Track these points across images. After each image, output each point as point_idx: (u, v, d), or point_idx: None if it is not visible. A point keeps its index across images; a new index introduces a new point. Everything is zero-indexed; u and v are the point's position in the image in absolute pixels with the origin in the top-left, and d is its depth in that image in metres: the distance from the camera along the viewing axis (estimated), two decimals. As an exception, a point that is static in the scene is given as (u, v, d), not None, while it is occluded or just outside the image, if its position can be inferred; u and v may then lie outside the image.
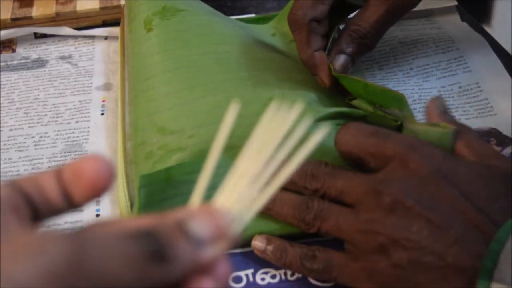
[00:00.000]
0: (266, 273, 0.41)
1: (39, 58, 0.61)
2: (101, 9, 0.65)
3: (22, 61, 0.61)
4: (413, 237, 0.34)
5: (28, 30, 0.63)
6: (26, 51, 0.62)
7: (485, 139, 0.50)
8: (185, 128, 0.45)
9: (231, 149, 0.45)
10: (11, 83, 0.58)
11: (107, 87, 0.58)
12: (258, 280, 0.40)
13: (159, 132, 0.46)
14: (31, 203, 0.24)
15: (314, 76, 0.50)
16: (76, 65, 0.60)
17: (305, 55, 0.49)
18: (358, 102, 0.48)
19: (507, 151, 0.48)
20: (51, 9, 0.65)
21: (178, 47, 0.52)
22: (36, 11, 0.65)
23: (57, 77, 0.59)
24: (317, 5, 0.48)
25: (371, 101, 0.46)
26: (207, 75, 0.49)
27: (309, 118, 0.24)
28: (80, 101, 0.56)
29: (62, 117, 0.54)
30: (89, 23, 0.65)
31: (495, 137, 0.50)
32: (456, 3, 0.63)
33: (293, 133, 0.24)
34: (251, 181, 0.23)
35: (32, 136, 0.53)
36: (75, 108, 0.55)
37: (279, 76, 0.50)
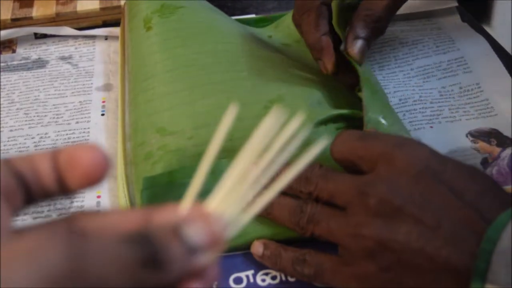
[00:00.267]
0: (266, 274, 0.41)
1: (39, 58, 0.61)
2: (101, 9, 0.65)
3: (22, 62, 0.61)
4: (401, 239, 0.34)
5: (28, 30, 0.63)
6: (26, 51, 0.62)
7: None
8: (184, 129, 0.45)
9: (231, 152, 0.45)
10: (11, 84, 0.58)
11: (107, 87, 0.58)
12: (258, 281, 0.40)
13: (159, 132, 0.46)
14: (25, 183, 0.24)
15: (317, 61, 0.49)
16: (76, 65, 0.60)
17: (313, 39, 0.49)
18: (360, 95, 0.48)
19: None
20: (51, 10, 0.65)
21: (177, 46, 0.51)
22: (36, 12, 0.65)
23: (57, 78, 0.59)
24: None
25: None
26: (206, 75, 0.49)
27: (308, 127, 0.24)
28: (80, 102, 0.56)
29: (62, 117, 0.54)
30: (89, 23, 0.65)
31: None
32: (456, 4, 0.63)
33: (291, 141, 0.23)
34: (247, 187, 0.23)
35: (32, 136, 0.53)
36: (75, 108, 0.55)
37: (279, 75, 0.50)
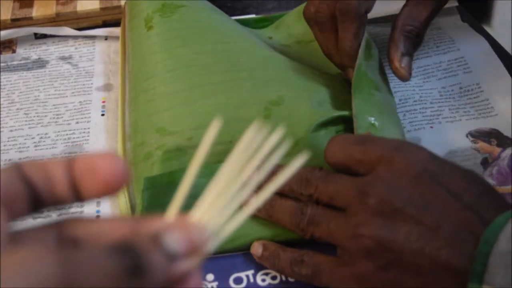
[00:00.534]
0: (266, 274, 0.41)
1: (39, 58, 0.61)
2: (102, 9, 0.65)
3: (22, 62, 0.61)
4: (401, 239, 0.34)
5: (28, 30, 0.63)
6: (26, 51, 0.62)
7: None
8: (184, 129, 0.45)
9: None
10: (11, 84, 0.58)
11: (107, 87, 0.58)
12: (258, 281, 0.40)
13: (158, 132, 0.46)
14: (34, 190, 0.24)
15: (345, 68, 0.50)
16: (76, 65, 0.60)
17: (351, 47, 0.48)
18: None
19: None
20: (51, 10, 0.65)
21: (178, 46, 0.51)
22: (36, 12, 0.65)
23: (57, 78, 0.59)
24: None
25: None
26: (207, 75, 0.48)
27: (289, 142, 0.24)
28: (80, 102, 0.56)
29: (62, 118, 0.54)
30: (89, 23, 0.65)
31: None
32: (456, 4, 0.63)
33: (273, 155, 0.24)
34: (230, 199, 0.24)
35: (32, 137, 0.53)
36: (75, 109, 0.55)
37: (280, 76, 0.50)
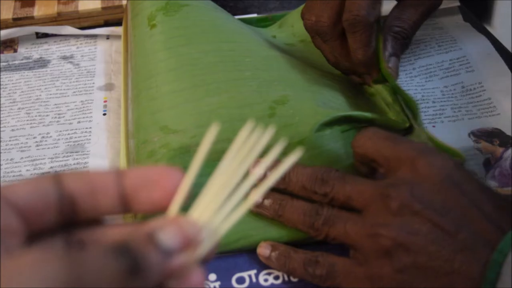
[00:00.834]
0: (269, 274, 0.41)
1: (40, 58, 0.61)
2: (103, 9, 0.65)
3: (23, 61, 0.61)
4: (419, 241, 0.34)
5: (29, 29, 0.63)
6: (27, 51, 0.62)
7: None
8: (188, 127, 0.45)
9: None
10: (12, 83, 0.58)
11: (109, 87, 0.58)
12: (261, 281, 0.40)
13: (162, 131, 0.45)
14: (71, 202, 0.24)
15: (361, 74, 0.50)
16: (78, 65, 0.60)
17: (366, 56, 0.48)
18: (375, 88, 0.49)
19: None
20: (53, 9, 0.65)
21: (181, 45, 0.51)
22: (37, 11, 0.65)
23: (59, 77, 0.59)
24: (376, 5, 0.47)
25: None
26: (210, 74, 0.48)
27: (284, 141, 0.25)
28: (82, 101, 0.56)
29: (64, 117, 0.54)
30: (91, 23, 0.65)
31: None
32: (458, 4, 0.63)
33: (268, 154, 0.25)
34: (226, 197, 0.25)
35: (34, 136, 0.53)
36: (77, 108, 0.55)
37: (284, 76, 0.49)
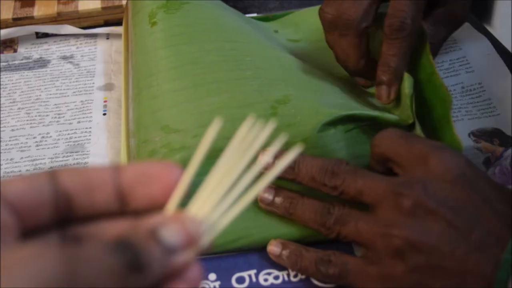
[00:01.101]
0: (269, 274, 0.41)
1: (40, 58, 0.61)
2: (103, 9, 0.65)
3: (23, 61, 0.61)
4: (432, 241, 0.34)
5: (29, 29, 0.63)
6: (27, 51, 0.62)
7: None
8: (189, 127, 0.45)
9: None
10: (12, 83, 0.58)
11: (109, 87, 0.58)
12: (261, 280, 0.40)
13: (163, 130, 0.45)
14: (67, 199, 0.24)
15: (355, 75, 0.50)
16: (78, 65, 0.60)
17: (397, 65, 0.46)
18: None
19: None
20: (53, 9, 0.65)
21: (182, 43, 0.51)
22: (37, 11, 0.64)
23: (59, 77, 0.59)
24: (370, 9, 0.46)
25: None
26: (212, 73, 0.48)
27: (284, 136, 0.25)
28: (82, 101, 0.56)
29: (64, 117, 0.54)
30: (91, 23, 0.65)
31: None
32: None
33: (269, 148, 0.25)
34: (225, 192, 0.24)
35: (34, 136, 0.53)
36: (77, 108, 0.55)
37: (287, 76, 0.49)
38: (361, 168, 0.40)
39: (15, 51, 0.62)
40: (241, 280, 0.41)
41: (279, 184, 0.42)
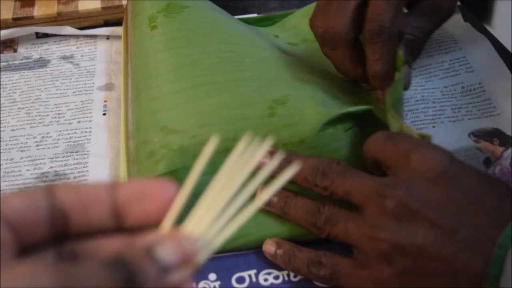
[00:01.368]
0: (269, 273, 0.41)
1: (40, 58, 0.61)
2: (103, 9, 0.65)
3: (23, 61, 0.61)
4: (418, 243, 0.34)
5: (29, 29, 0.63)
6: (27, 51, 0.62)
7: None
8: (188, 128, 0.45)
9: None
10: (12, 83, 0.58)
11: (109, 87, 0.58)
12: (261, 280, 0.40)
13: (162, 131, 0.45)
14: (61, 215, 0.24)
15: (357, 82, 0.50)
16: (78, 65, 0.60)
17: (383, 69, 0.45)
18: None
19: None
20: (53, 9, 0.65)
21: (182, 46, 0.51)
22: (37, 11, 0.64)
23: (59, 77, 0.59)
24: (356, 18, 0.46)
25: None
26: (211, 75, 0.48)
27: (280, 154, 0.25)
28: (82, 101, 0.56)
29: (64, 117, 0.54)
30: (91, 23, 0.65)
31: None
32: (458, 3, 0.63)
33: (265, 166, 0.25)
34: (221, 210, 0.24)
35: (34, 136, 0.53)
36: (77, 108, 0.55)
37: (285, 76, 0.49)
38: (352, 168, 0.39)
39: (15, 51, 0.62)
40: (241, 280, 0.41)
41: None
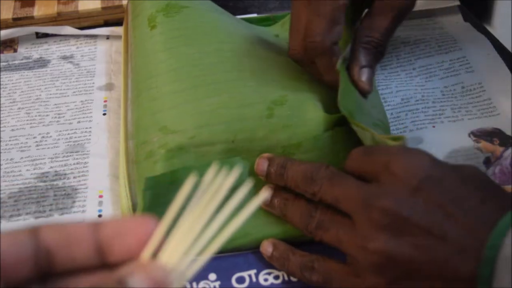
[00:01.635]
0: (269, 273, 0.41)
1: (40, 58, 0.61)
2: (103, 9, 0.65)
3: (23, 61, 0.61)
4: (408, 252, 0.34)
5: (29, 29, 0.63)
6: (27, 51, 0.62)
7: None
8: (187, 127, 0.45)
9: (235, 152, 0.45)
10: (12, 83, 0.58)
11: (109, 87, 0.58)
12: (261, 280, 0.40)
13: (161, 131, 0.45)
14: (48, 254, 0.24)
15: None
16: (78, 65, 0.60)
17: (332, 80, 0.46)
18: None
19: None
20: (53, 9, 0.65)
21: (181, 45, 0.51)
22: (37, 11, 0.64)
23: (59, 77, 0.59)
24: (333, 27, 0.45)
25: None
26: (210, 75, 0.48)
27: (249, 182, 0.25)
28: (82, 101, 0.56)
29: (64, 117, 0.54)
30: (91, 23, 0.65)
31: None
32: (458, 3, 0.63)
33: (234, 195, 0.25)
34: (194, 240, 0.25)
35: (34, 136, 0.53)
36: (77, 108, 0.55)
37: (284, 77, 0.49)
38: (340, 173, 0.39)
39: (15, 51, 0.62)
40: (241, 280, 0.41)
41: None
